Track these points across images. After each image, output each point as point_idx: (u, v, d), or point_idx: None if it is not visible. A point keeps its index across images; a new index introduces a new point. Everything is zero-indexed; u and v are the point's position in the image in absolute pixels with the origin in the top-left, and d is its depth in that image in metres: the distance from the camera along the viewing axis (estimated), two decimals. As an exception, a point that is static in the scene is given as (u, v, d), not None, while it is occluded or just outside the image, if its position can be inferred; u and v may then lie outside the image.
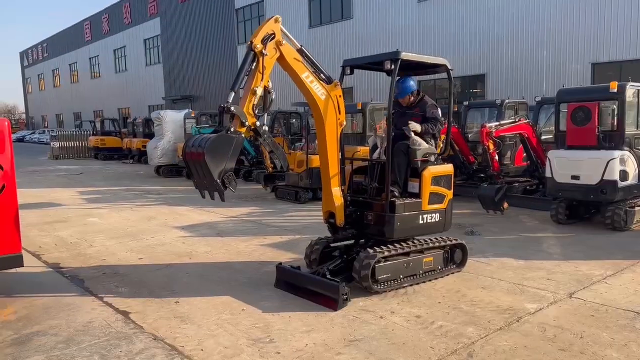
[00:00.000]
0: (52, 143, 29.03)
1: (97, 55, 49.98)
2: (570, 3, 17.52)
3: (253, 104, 4.63)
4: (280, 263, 5.56)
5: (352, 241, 5.72)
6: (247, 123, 4.54)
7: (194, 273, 6.13)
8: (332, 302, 4.84)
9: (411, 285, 5.35)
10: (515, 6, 18.96)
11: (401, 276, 5.28)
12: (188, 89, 37.40)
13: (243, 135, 4.58)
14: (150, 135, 21.56)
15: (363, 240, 5.73)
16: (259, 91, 4.63)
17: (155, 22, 40.22)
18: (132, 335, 4.31)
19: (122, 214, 10.43)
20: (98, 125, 29.09)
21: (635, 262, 6.20)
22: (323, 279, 5.08)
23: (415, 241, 5.51)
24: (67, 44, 54.41)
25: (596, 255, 6.56)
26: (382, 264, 5.09)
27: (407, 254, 5.34)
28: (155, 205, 11.50)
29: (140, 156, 23.29)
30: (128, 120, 30.09)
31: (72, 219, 9.85)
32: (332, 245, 5.78)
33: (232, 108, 4.45)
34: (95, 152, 28.02)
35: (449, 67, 5.84)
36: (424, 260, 5.49)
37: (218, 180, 4.35)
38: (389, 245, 5.25)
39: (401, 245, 5.33)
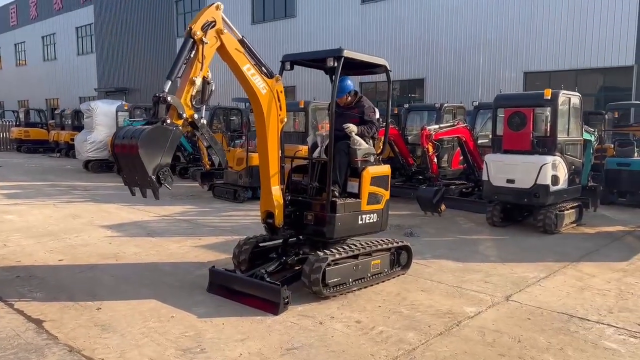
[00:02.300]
0: (-32, 133, 26.85)
1: (24, 42, 46.83)
2: (506, 14, 18.24)
3: (191, 95, 4.31)
4: (214, 266, 5.24)
5: (281, 241, 5.51)
6: (184, 115, 4.21)
7: (119, 276, 5.68)
8: (272, 307, 4.60)
9: (359, 289, 5.20)
10: (453, 14, 19.49)
11: (350, 280, 5.12)
12: (123, 82, 35.76)
13: (180, 128, 4.25)
14: (79, 128, 20.32)
15: (294, 239, 5.54)
16: (198, 81, 4.32)
17: (89, 10, 38.19)
18: (44, 347, 3.87)
19: (44, 211, 9.65)
20: (22, 115, 27.16)
21: (565, 264, 6.38)
22: (262, 282, 4.83)
23: (363, 243, 5.38)
24: (-10, 27, 50.65)
25: (529, 258, 6.70)
26: (332, 267, 4.91)
27: (356, 256, 5.19)
28: (82, 203, 10.75)
29: (69, 150, 21.95)
30: (56, 112, 28.28)
31: (-14, 216, 9.01)
32: (261, 245, 5.55)
33: (169, 98, 4.10)
34: (18, 145, 26.16)
35: (388, 68, 5.80)
36: (372, 263, 5.37)
37: (152, 177, 3.98)
38: (338, 248, 5.09)
39: (350, 247, 5.19)
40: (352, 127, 5.44)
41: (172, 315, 4.52)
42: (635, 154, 11.14)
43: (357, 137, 5.43)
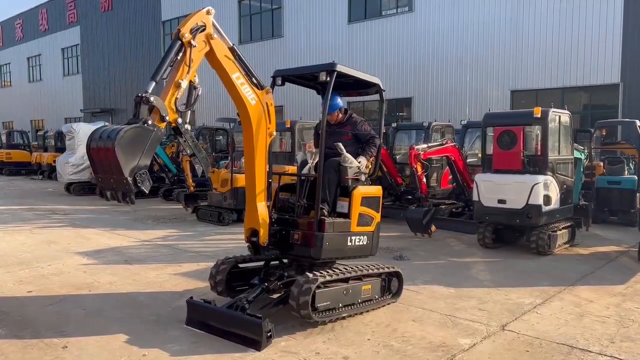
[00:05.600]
0: (-52, 155, 26.20)
1: (9, 63, 46.52)
2: (492, 33, 18.30)
3: (176, 98, 4.07)
4: (192, 297, 4.90)
5: (262, 263, 5.23)
6: (167, 118, 3.96)
7: (91, 309, 5.31)
8: (254, 341, 4.28)
9: (350, 315, 4.91)
10: (441, 33, 19.53)
11: (340, 305, 4.82)
12: (109, 102, 35.44)
13: (162, 130, 3.98)
14: (62, 150, 19.92)
15: (277, 262, 5.26)
16: (184, 84, 4.09)
17: (75, 31, 38.03)
18: (-1, 394, 3.51)
19: (18, 237, 9.23)
20: (4, 137, 26.68)
21: (561, 289, 6.12)
22: (242, 314, 4.49)
23: (354, 267, 5.09)
24: (-26, 49, 50.21)
25: (524, 282, 6.44)
26: (322, 289, 4.61)
27: (346, 280, 4.90)
28: (59, 227, 10.32)
29: (51, 172, 21.45)
30: (39, 133, 27.84)
31: (-45, 244, 8.58)
32: (240, 265, 5.25)
33: (152, 99, 3.85)
34: (-1, 167, 25.64)
35: (382, 87, 5.60)
36: (363, 288, 5.07)
37: (129, 178, 3.70)
38: (328, 270, 4.80)
39: (340, 269, 4.91)
40: (362, 163, 5.24)
41: (144, 354, 4.17)
42: (626, 172, 11.05)
43: (348, 155, 5.19)
